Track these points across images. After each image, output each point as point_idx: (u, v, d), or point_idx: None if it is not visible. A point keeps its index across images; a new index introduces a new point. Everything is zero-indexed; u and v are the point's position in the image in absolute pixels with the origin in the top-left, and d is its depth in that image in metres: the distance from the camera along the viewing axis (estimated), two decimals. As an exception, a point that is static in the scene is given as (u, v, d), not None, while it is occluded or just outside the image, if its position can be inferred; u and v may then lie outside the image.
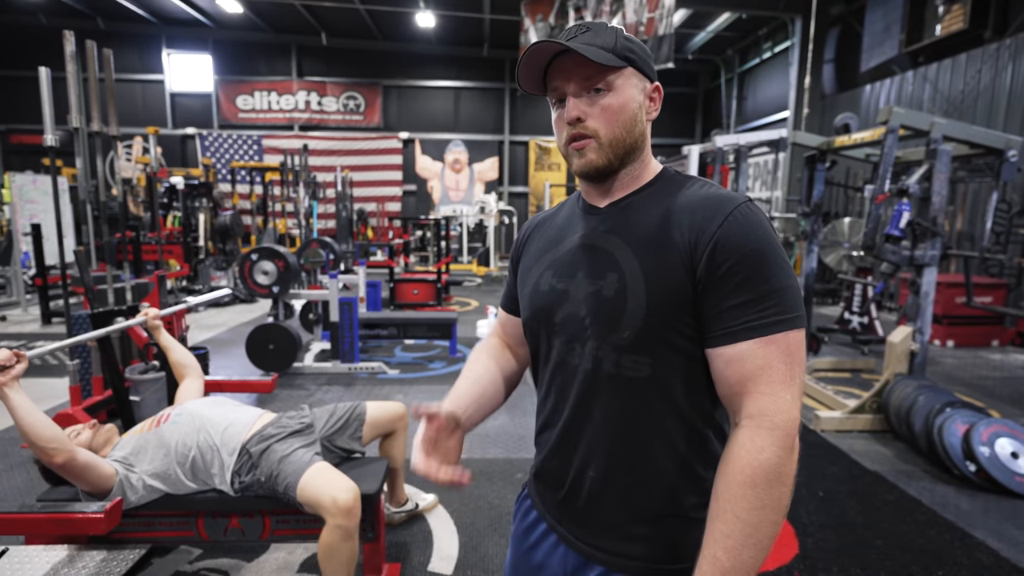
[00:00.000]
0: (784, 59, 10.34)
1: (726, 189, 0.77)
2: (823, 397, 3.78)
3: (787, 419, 0.68)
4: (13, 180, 6.86)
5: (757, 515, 0.66)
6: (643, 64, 0.79)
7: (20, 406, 1.49)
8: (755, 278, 0.69)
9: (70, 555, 1.80)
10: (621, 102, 0.77)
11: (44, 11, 12.22)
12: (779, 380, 0.69)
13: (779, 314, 0.69)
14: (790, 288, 0.70)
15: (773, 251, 0.71)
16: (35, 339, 5.41)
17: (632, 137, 0.78)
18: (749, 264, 0.70)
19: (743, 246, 0.70)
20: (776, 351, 0.69)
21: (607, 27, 0.79)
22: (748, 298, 0.69)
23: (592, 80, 0.76)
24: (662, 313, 0.73)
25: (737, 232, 0.71)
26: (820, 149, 4.13)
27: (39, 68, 2.92)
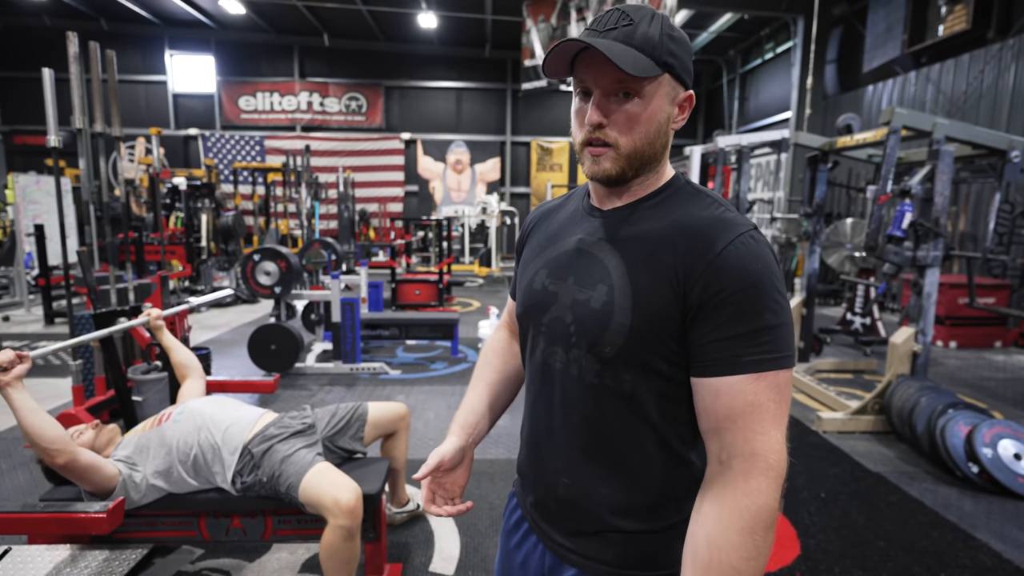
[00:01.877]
0: (786, 60, 10.33)
1: (733, 212, 0.72)
2: (825, 398, 3.77)
3: (780, 459, 0.66)
4: (17, 181, 6.88)
5: (753, 565, 0.65)
6: (682, 71, 0.73)
7: (23, 406, 1.50)
8: (751, 312, 0.67)
9: (72, 555, 1.80)
10: (649, 113, 0.72)
11: (48, 13, 12.26)
12: (769, 420, 0.66)
13: (772, 352, 0.67)
14: (785, 326, 0.68)
15: (772, 285, 0.67)
16: (38, 339, 5.43)
17: (653, 149, 0.74)
18: (746, 297, 0.67)
19: (741, 278, 0.67)
20: (767, 389, 0.66)
21: (653, 17, 0.71)
22: (742, 331, 0.67)
23: (623, 83, 0.70)
24: (646, 334, 0.71)
25: (736, 263, 0.67)
26: (822, 150, 4.13)
27: (42, 69, 2.93)
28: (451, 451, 0.87)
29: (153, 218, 7.09)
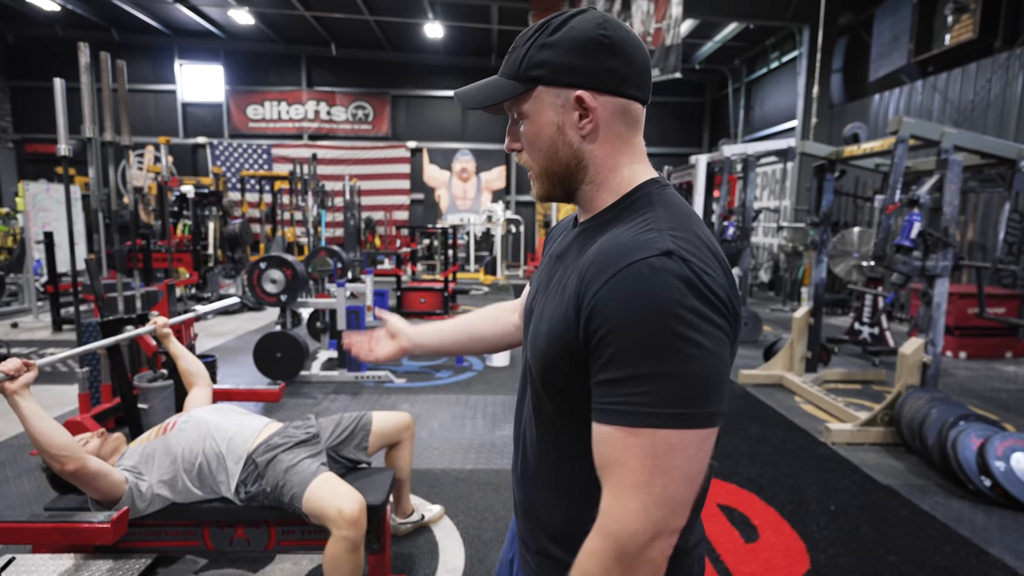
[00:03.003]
0: (792, 69, 10.34)
1: (657, 234, 0.61)
2: (833, 409, 3.73)
3: (622, 530, 0.57)
4: (27, 188, 6.95)
5: None
6: (559, 74, 0.67)
7: (31, 414, 1.50)
8: (628, 355, 0.57)
9: (76, 564, 1.79)
10: (535, 130, 0.70)
11: (60, 23, 12.44)
12: (629, 483, 0.57)
13: (651, 405, 0.56)
14: (677, 376, 0.56)
15: (664, 326, 0.55)
16: (46, 346, 5.46)
17: (559, 164, 0.70)
18: (626, 338, 0.57)
19: (620, 314, 0.57)
20: (636, 448, 0.56)
21: (530, 34, 0.69)
22: (617, 376, 0.58)
23: (509, 111, 0.71)
24: (553, 363, 0.66)
25: (617, 296, 0.57)
26: (829, 159, 4.11)
27: (54, 79, 2.96)
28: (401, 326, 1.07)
29: (161, 226, 7.14)
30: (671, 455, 0.56)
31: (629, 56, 0.68)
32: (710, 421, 0.58)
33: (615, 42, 0.67)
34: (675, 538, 0.59)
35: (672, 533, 0.59)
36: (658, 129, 14.54)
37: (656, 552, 0.58)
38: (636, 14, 8.10)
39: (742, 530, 2.37)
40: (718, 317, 0.58)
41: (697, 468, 0.58)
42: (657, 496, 0.57)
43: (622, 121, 0.70)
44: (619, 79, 0.68)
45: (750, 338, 6.04)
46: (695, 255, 0.59)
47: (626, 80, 0.68)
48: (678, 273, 0.57)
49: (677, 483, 0.57)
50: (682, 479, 0.57)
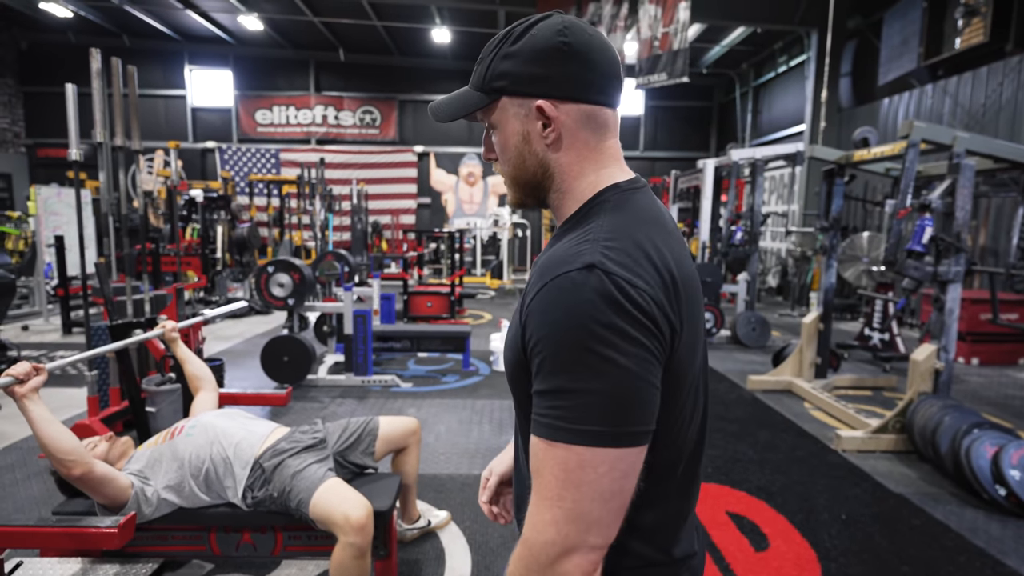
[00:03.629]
0: (800, 73, 10.30)
1: (586, 246, 0.61)
2: (843, 415, 3.69)
3: (535, 540, 0.58)
4: (39, 192, 7.02)
5: None
6: (518, 85, 0.67)
7: (39, 417, 1.51)
8: (549, 368, 0.57)
9: (83, 568, 1.80)
10: (503, 140, 0.71)
11: (73, 30, 12.59)
12: (544, 495, 0.58)
13: (563, 420, 0.56)
14: (590, 394, 0.55)
15: (576, 340, 0.55)
16: (56, 349, 5.50)
17: (527, 173, 0.70)
18: (545, 349, 0.58)
19: (542, 326, 0.58)
20: (551, 461, 0.57)
21: (496, 43, 0.69)
22: (543, 388, 0.58)
23: (483, 122, 0.72)
24: (513, 366, 0.66)
25: (541, 308, 0.59)
26: (839, 163, 4.08)
27: (66, 85, 2.99)
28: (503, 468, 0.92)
29: (170, 229, 7.19)
30: (582, 471, 0.56)
31: (591, 61, 0.66)
32: (624, 441, 0.57)
33: (575, 47, 0.65)
34: (596, 556, 0.58)
35: (590, 550, 0.58)
36: (665, 133, 14.52)
37: (571, 566, 0.57)
38: (643, 19, 8.11)
39: (752, 538, 2.34)
40: (638, 333, 0.56)
41: (612, 487, 0.57)
42: (568, 511, 0.57)
43: (587, 128, 0.68)
44: (581, 85, 0.67)
45: (758, 343, 6.00)
46: (624, 266, 0.58)
47: (589, 86, 0.67)
48: (596, 287, 0.56)
49: (588, 500, 0.57)
50: (593, 496, 0.57)
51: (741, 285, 6.27)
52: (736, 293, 6.45)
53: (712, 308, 6.09)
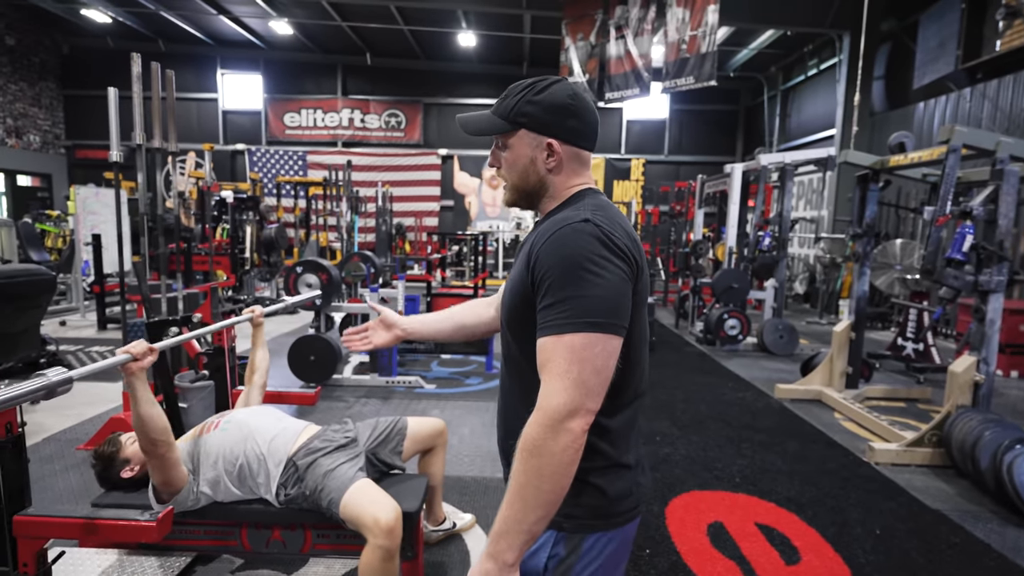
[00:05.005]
0: (831, 76, 10.10)
1: (580, 212, 0.89)
2: (876, 427, 3.60)
3: (550, 404, 0.80)
4: (78, 192, 7.25)
5: (522, 478, 0.81)
6: (537, 125, 0.95)
7: (144, 397, 1.56)
8: (556, 286, 0.83)
9: (120, 560, 1.84)
10: (514, 158, 0.98)
11: (112, 35, 13.00)
12: (555, 372, 0.81)
13: (571, 316, 0.81)
14: (586, 297, 0.81)
15: (577, 263, 0.82)
16: (91, 344, 5.66)
17: (528, 184, 0.98)
18: (554, 274, 0.84)
19: (551, 258, 0.84)
20: (561, 348, 0.81)
21: (520, 89, 0.96)
22: (550, 302, 0.83)
23: (498, 139, 0.99)
24: (515, 308, 0.93)
25: (550, 248, 0.85)
26: (873, 168, 3.99)
27: (108, 88, 3.08)
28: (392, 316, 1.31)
29: (201, 229, 7.35)
30: (584, 350, 0.81)
31: (586, 120, 0.97)
32: (611, 329, 0.83)
33: (578, 109, 0.96)
34: (590, 418, 0.81)
35: (587, 412, 0.81)
36: (690, 137, 14.37)
37: (574, 424, 0.80)
38: (671, 21, 8.04)
39: (782, 551, 2.29)
40: (618, 260, 0.85)
41: (603, 363, 0.82)
42: (575, 379, 0.80)
43: (576, 161, 0.99)
44: (577, 135, 0.97)
45: (785, 351, 5.89)
46: (606, 224, 0.87)
47: (581, 136, 0.98)
48: (590, 232, 0.85)
49: (588, 372, 0.81)
50: (592, 369, 0.81)
51: (768, 291, 6.16)
52: (762, 300, 6.33)
53: (738, 314, 5.99)
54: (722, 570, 2.15)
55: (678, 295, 7.80)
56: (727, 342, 6.03)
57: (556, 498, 0.81)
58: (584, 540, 0.91)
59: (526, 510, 0.81)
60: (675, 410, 4.04)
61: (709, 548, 2.30)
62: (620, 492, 0.93)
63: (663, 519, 2.52)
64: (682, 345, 6.34)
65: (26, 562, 1.34)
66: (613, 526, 0.93)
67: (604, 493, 0.91)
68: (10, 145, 12.26)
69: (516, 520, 0.82)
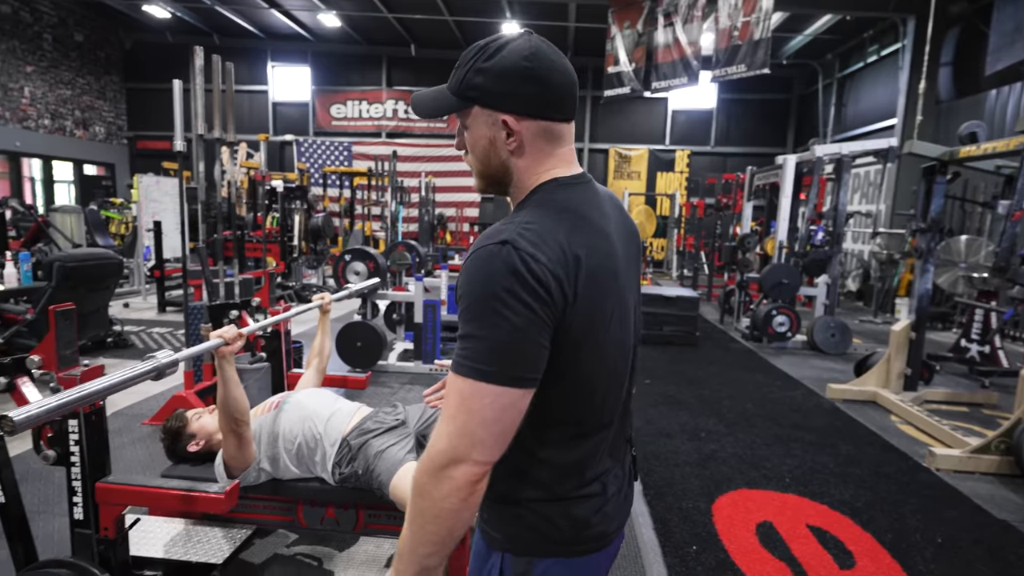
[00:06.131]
0: (892, 63, 9.59)
1: (504, 226, 0.76)
2: (936, 431, 3.43)
3: (433, 447, 0.73)
4: (140, 181, 7.62)
5: (411, 511, 0.77)
6: (489, 99, 0.79)
7: (231, 379, 1.65)
8: (462, 317, 0.73)
9: (186, 529, 1.94)
10: (473, 140, 0.83)
11: (171, 30, 13.54)
12: (445, 414, 0.74)
13: (464, 358, 0.72)
14: (483, 340, 0.71)
15: (479, 298, 0.71)
16: (152, 325, 5.96)
17: (491, 169, 0.84)
18: (462, 303, 0.74)
19: (464, 286, 0.74)
20: (453, 388, 0.73)
21: (472, 55, 0.79)
22: (459, 332, 0.74)
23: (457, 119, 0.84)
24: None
25: (464, 272, 0.74)
26: (941, 160, 3.77)
27: (173, 81, 3.21)
28: None
29: (253, 217, 7.61)
30: (472, 399, 0.71)
31: (550, 83, 0.78)
32: (504, 381, 0.71)
33: (537, 72, 0.77)
34: (480, 469, 0.73)
35: (475, 463, 0.72)
36: (739, 128, 13.94)
37: (457, 473, 0.72)
38: (722, 8, 7.79)
39: (836, 555, 2.22)
40: (531, 298, 0.70)
41: (493, 416, 0.72)
42: (459, 428, 0.72)
43: (542, 138, 0.81)
44: (540, 105, 0.79)
45: (837, 350, 5.68)
46: (532, 244, 0.72)
47: (546, 105, 0.79)
48: (504, 260, 0.71)
49: (475, 423, 0.71)
50: (480, 421, 0.71)
51: (820, 288, 5.94)
52: (813, 296, 6.12)
53: (787, 311, 5.81)
54: (772, 571, 2.11)
55: (723, 290, 7.61)
56: (775, 339, 5.86)
57: (445, 538, 0.76)
58: (535, 564, 0.84)
59: (415, 543, 0.77)
60: (721, 407, 3.96)
61: (758, 548, 2.25)
62: (578, 520, 0.84)
63: (710, 516, 2.48)
64: (727, 341, 6.19)
65: (107, 526, 1.43)
66: (573, 554, 0.85)
67: (553, 521, 0.84)
68: (78, 136, 12.96)
69: (409, 549, 0.78)
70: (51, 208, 9.32)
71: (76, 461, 1.41)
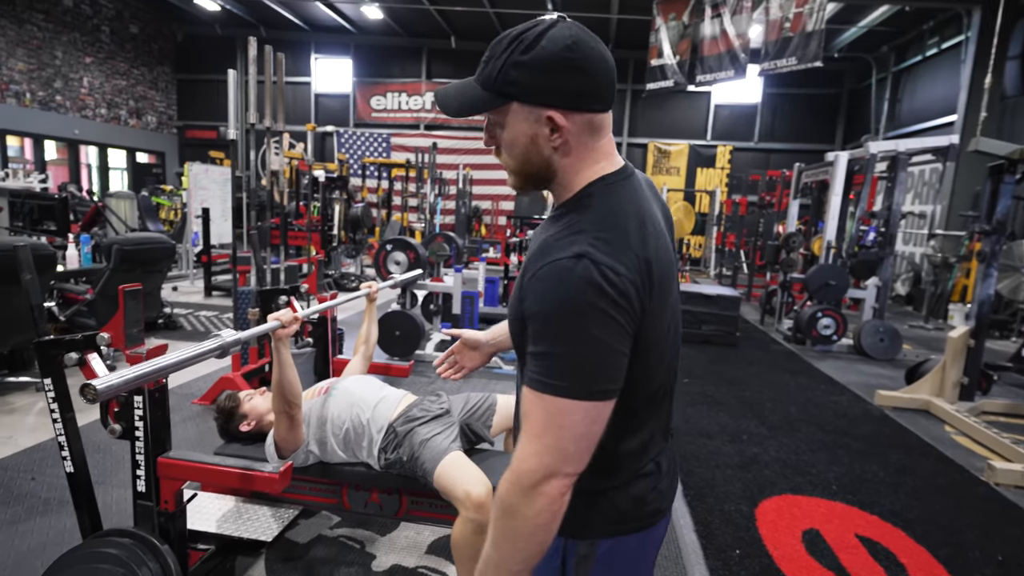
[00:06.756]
0: (954, 56, 9.12)
1: (575, 237, 0.73)
2: (996, 445, 3.27)
3: (521, 468, 0.73)
4: (191, 169, 7.88)
5: (497, 533, 0.77)
6: (531, 94, 0.74)
7: (287, 361, 1.69)
8: (539, 335, 0.72)
9: (237, 506, 2.00)
10: (510, 138, 0.78)
11: (220, 22, 13.91)
12: (531, 433, 0.73)
13: (546, 376, 0.71)
14: (564, 356, 0.70)
15: (561, 314, 0.70)
16: (199, 309, 6.17)
17: (532, 167, 0.80)
18: (538, 321, 0.72)
19: (537, 301, 0.72)
20: (538, 407, 0.72)
21: (506, 49, 0.74)
22: (534, 350, 0.73)
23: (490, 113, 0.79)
24: (513, 324, 0.80)
25: (536, 287, 0.73)
26: (1010, 159, 3.57)
27: (228, 71, 3.30)
28: (474, 335, 1.17)
29: (295, 206, 7.79)
30: (562, 416, 0.71)
31: (595, 73, 0.75)
32: (594, 396, 0.71)
33: (580, 63, 0.73)
34: (569, 480, 0.73)
35: (565, 476, 0.73)
36: (784, 124, 13.52)
37: (550, 488, 0.72)
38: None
39: (888, 567, 2.14)
40: (614, 311, 0.70)
41: (583, 431, 0.72)
42: (550, 445, 0.72)
43: (588, 132, 0.78)
44: (585, 97, 0.75)
45: (885, 356, 5.46)
46: (608, 255, 0.70)
47: (591, 97, 0.76)
48: (582, 274, 0.69)
49: (565, 440, 0.72)
50: (569, 437, 0.72)
51: (870, 291, 5.72)
52: (860, 299, 5.89)
53: (833, 313, 5.61)
54: (819, 580, 2.04)
55: (765, 290, 7.41)
56: (819, 342, 5.67)
57: (537, 553, 0.77)
58: (599, 545, 0.86)
59: (506, 562, 0.77)
60: (763, 409, 3.86)
61: (804, 555, 2.18)
62: (637, 498, 0.87)
63: (753, 520, 2.42)
64: (768, 343, 6.03)
65: (167, 499, 1.48)
66: (632, 531, 0.88)
67: (615, 503, 0.86)
68: (131, 125, 13.48)
69: (495, 567, 0.78)
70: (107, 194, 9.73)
71: (140, 435, 1.46)
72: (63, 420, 1.48)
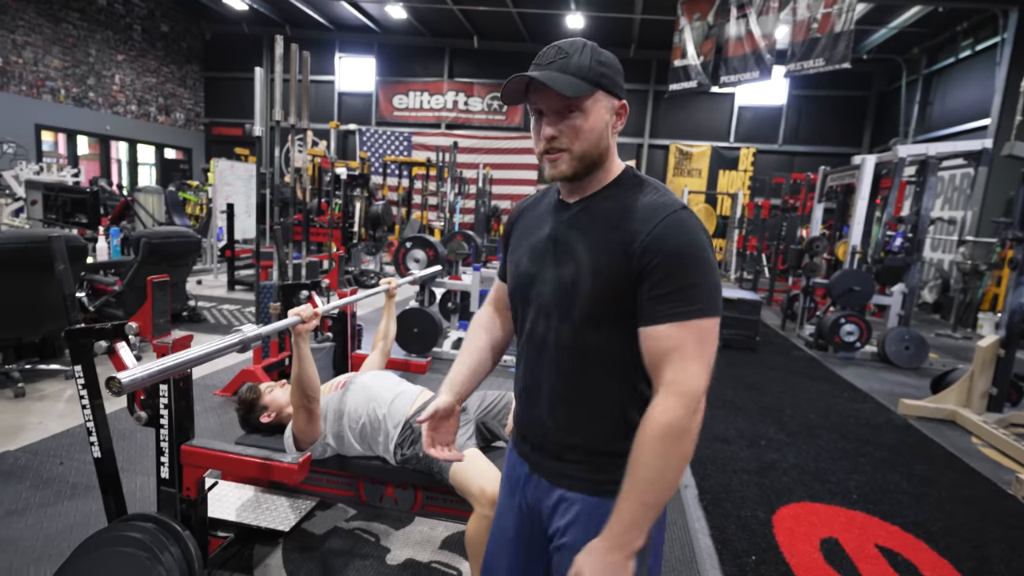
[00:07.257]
0: (988, 58, 8.87)
1: (667, 197, 0.91)
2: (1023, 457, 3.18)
3: (693, 387, 0.84)
4: (217, 165, 8.03)
5: (661, 463, 0.84)
6: (613, 86, 0.92)
7: (306, 356, 1.72)
8: (675, 274, 0.85)
9: (256, 496, 2.04)
10: (591, 123, 0.90)
11: (247, 21, 14.15)
12: (690, 356, 0.84)
13: (692, 304, 0.85)
14: (705, 285, 0.85)
15: (695, 252, 0.86)
16: (222, 302, 6.29)
17: (599, 151, 0.93)
18: (672, 262, 0.85)
19: (667, 247, 0.85)
20: (689, 334, 0.85)
21: (583, 48, 0.90)
22: (670, 289, 0.85)
23: (567, 103, 0.89)
24: (604, 298, 0.90)
25: (664, 235, 0.86)
26: (1046, 164, 3.47)
27: (255, 69, 3.35)
28: (444, 405, 1.10)
29: (317, 203, 7.89)
30: (710, 333, 0.86)
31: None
32: (720, 312, 0.88)
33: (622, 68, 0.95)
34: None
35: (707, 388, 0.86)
36: (809, 126, 13.29)
37: (703, 403, 0.86)
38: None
39: (908, 579, 2.09)
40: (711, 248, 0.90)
41: (716, 344, 0.88)
42: (707, 362, 0.86)
43: None
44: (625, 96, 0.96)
45: (910, 364, 5.34)
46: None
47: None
48: (696, 221, 0.89)
49: (711, 354, 0.87)
50: (712, 351, 0.87)
51: (896, 297, 5.59)
52: (885, 306, 5.76)
53: (857, 319, 5.51)
54: (837, 589, 2.01)
55: (786, 295, 7.30)
56: (841, 348, 5.57)
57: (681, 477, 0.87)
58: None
59: (660, 495, 0.85)
60: (782, 415, 3.80)
61: (822, 564, 2.15)
62: None
63: (770, 527, 2.39)
64: (789, 348, 5.94)
65: (189, 487, 1.52)
66: None
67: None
68: (160, 122, 13.79)
69: (651, 506, 0.84)
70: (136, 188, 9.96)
71: (165, 424, 1.50)
72: (92, 407, 1.53)
